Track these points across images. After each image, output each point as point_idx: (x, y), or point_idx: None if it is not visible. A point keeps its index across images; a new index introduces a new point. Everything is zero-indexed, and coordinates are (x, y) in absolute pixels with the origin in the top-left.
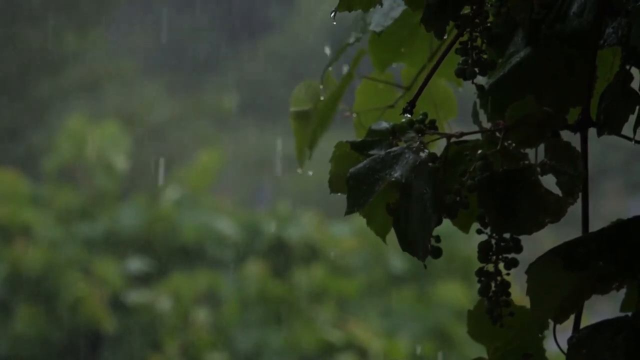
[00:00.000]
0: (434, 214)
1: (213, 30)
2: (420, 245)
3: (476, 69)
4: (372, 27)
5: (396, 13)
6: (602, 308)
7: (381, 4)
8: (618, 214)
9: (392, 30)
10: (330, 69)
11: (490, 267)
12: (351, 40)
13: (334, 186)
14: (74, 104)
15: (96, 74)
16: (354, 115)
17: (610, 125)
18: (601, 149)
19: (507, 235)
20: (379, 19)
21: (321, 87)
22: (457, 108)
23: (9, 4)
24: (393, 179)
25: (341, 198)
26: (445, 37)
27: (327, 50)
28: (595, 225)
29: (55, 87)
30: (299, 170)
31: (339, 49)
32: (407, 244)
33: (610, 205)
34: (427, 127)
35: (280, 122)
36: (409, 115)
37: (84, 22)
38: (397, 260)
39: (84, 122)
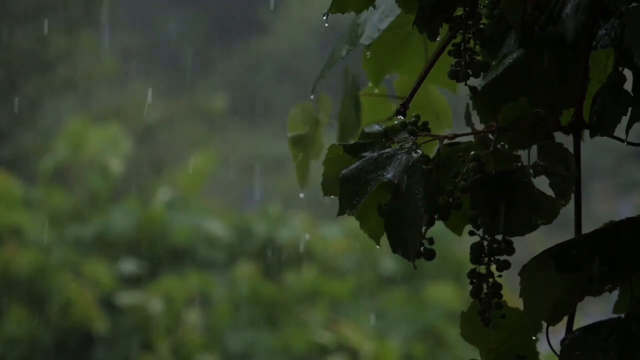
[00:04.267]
0: (426, 215)
1: (203, 31)
2: (410, 246)
3: (469, 71)
4: (362, 41)
5: (384, 25)
6: (594, 310)
7: (374, 6)
8: (608, 215)
9: (384, 41)
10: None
11: (482, 269)
12: (343, 53)
13: (327, 189)
14: (64, 105)
15: (86, 75)
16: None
17: (603, 127)
18: (591, 150)
19: (499, 237)
20: (369, 31)
21: (312, 97)
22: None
23: None
24: (386, 180)
25: (332, 200)
26: (438, 39)
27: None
28: (585, 227)
29: (45, 88)
30: (301, 195)
31: (330, 61)
32: (398, 245)
33: (600, 207)
34: (420, 129)
35: (271, 124)
36: (402, 118)
37: (74, 23)
38: (389, 261)
39: (84, 125)
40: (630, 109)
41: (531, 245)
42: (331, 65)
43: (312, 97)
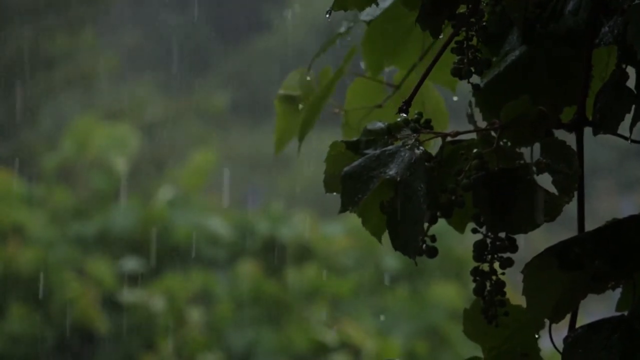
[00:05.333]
0: (428, 211)
1: (205, 29)
2: (411, 243)
3: (472, 68)
4: (362, 17)
5: (385, 4)
6: (596, 308)
7: (377, 4)
8: (611, 213)
9: (386, 32)
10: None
11: (485, 267)
12: (342, 29)
13: (329, 186)
14: (65, 103)
15: (87, 73)
16: (342, 113)
17: (606, 124)
18: (593, 148)
19: (502, 235)
20: (369, 9)
21: (308, 78)
22: (449, 119)
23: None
24: (388, 177)
25: (334, 198)
26: (440, 36)
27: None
28: (588, 225)
29: (46, 86)
30: (275, 154)
31: (330, 38)
32: (398, 242)
33: (603, 204)
34: (422, 126)
35: (272, 122)
36: (404, 115)
37: (75, 21)
38: (391, 259)
39: (91, 123)
40: (633, 106)
41: (533, 242)
42: (330, 43)
43: (308, 78)
